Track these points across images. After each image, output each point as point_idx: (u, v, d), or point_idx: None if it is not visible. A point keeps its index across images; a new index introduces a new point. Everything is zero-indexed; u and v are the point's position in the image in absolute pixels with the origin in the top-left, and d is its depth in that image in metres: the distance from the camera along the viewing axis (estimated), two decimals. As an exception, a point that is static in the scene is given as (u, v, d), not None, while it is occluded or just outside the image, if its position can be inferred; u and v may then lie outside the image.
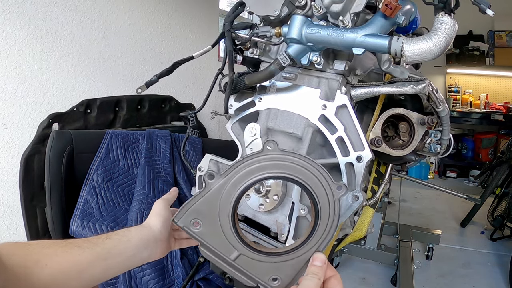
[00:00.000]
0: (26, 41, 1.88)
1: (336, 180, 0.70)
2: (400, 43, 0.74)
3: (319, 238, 0.71)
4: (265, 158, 0.70)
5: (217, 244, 0.72)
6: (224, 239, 0.71)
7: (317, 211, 0.70)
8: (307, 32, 0.81)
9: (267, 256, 0.71)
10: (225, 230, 0.71)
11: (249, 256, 0.71)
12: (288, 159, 0.70)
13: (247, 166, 0.70)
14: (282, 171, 0.70)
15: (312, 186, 0.69)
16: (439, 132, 1.07)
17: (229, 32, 0.92)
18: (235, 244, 0.71)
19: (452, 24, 0.75)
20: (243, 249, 0.71)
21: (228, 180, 0.70)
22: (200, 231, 0.72)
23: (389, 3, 0.71)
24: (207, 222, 0.71)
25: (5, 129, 1.84)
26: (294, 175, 0.69)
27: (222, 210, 0.71)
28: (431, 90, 0.94)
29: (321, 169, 0.69)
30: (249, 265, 0.71)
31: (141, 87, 1.13)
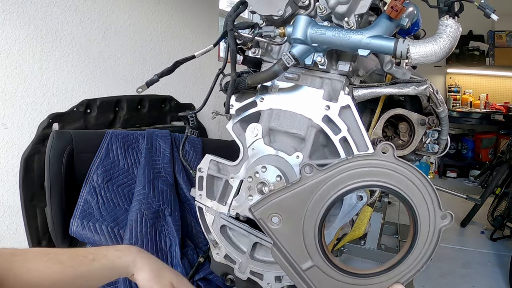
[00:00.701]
0: (26, 41, 1.88)
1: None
2: (406, 45, 0.74)
3: (406, 268, 0.63)
4: (377, 163, 0.61)
5: (292, 248, 0.64)
6: (301, 244, 0.63)
7: (415, 237, 0.62)
8: (312, 33, 0.81)
9: (344, 275, 0.64)
10: (307, 235, 0.62)
11: (324, 271, 0.63)
12: (402, 172, 0.61)
13: (355, 168, 0.61)
14: (394, 183, 0.61)
15: (419, 209, 0.62)
16: (436, 132, 1.08)
17: (232, 31, 0.91)
18: (313, 254, 0.63)
19: (456, 27, 0.76)
20: (320, 262, 0.63)
21: (329, 178, 0.61)
22: (278, 228, 0.64)
23: (394, 6, 0.71)
24: (289, 221, 0.63)
25: (5, 129, 1.84)
26: (405, 192, 0.61)
27: (311, 212, 0.62)
28: (432, 91, 0.94)
29: (433, 192, 0.62)
30: (320, 280, 0.64)
31: (141, 87, 1.13)
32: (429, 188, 0.61)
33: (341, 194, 0.61)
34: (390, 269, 0.63)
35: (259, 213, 0.64)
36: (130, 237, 1.74)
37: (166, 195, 1.99)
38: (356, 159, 0.61)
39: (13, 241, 1.92)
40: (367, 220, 1.15)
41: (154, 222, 1.86)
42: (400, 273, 0.63)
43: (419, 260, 0.62)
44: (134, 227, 1.78)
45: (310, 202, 0.61)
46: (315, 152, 0.91)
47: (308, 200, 0.61)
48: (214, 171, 1.08)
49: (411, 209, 0.62)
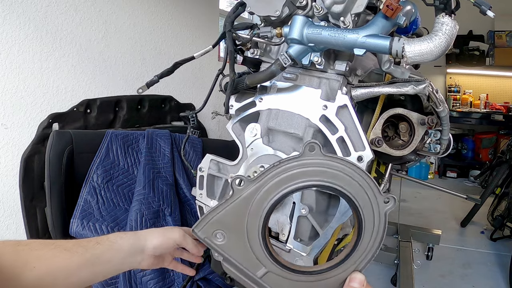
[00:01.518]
0: (26, 41, 1.88)
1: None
2: (401, 44, 0.74)
3: (360, 256, 0.63)
4: (305, 163, 0.61)
5: (242, 259, 0.64)
6: (251, 254, 0.63)
7: (361, 226, 0.62)
8: (308, 33, 0.81)
9: (300, 275, 0.64)
10: (253, 244, 0.63)
11: (279, 274, 0.64)
12: (332, 166, 0.61)
13: (284, 172, 0.61)
14: (327, 180, 0.61)
15: (357, 198, 0.61)
16: (438, 132, 1.07)
17: (230, 32, 0.92)
18: (264, 261, 0.63)
19: (452, 25, 0.75)
20: (272, 267, 0.63)
21: (260, 187, 0.61)
22: (224, 244, 0.64)
23: (390, 4, 0.71)
24: (232, 235, 0.64)
25: (5, 129, 1.84)
26: (340, 185, 0.61)
27: (251, 222, 0.62)
28: (431, 90, 0.94)
29: (368, 178, 0.61)
30: (278, 284, 0.64)
31: (142, 87, 1.13)
32: (364, 177, 0.61)
33: (277, 200, 0.61)
34: (344, 260, 0.63)
35: (202, 233, 0.64)
36: (129, 237, 1.74)
37: (166, 195, 2.00)
38: (283, 163, 0.61)
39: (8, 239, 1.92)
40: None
41: (154, 222, 1.86)
42: (355, 261, 0.64)
43: (371, 245, 0.63)
44: (134, 227, 1.79)
45: (248, 213, 0.62)
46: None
47: (245, 211, 0.62)
48: (215, 170, 1.09)
49: (350, 201, 0.62)
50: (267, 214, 0.62)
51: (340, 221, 0.83)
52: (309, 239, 0.90)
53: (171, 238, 0.94)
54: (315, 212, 0.88)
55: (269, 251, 0.63)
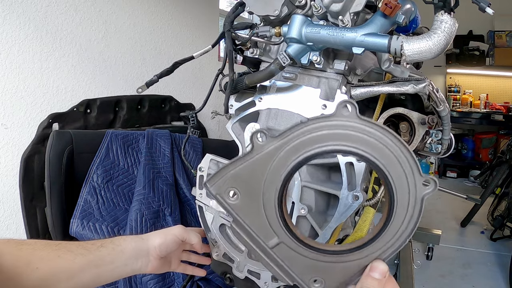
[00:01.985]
0: (26, 41, 1.88)
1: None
2: (399, 42, 0.74)
3: (386, 243, 0.55)
4: (337, 124, 0.53)
5: (254, 224, 0.57)
6: (264, 220, 0.57)
7: (392, 208, 0.54)
8: (307, 32, 0.81)
9: (317, 253, 0.57)
10: (268, 210, 0.56)
11: (292, 248, 0.57)
12: (368, 132, 0.53)
13: (311, 131, 0.53)
14: (359, 146, 0.53)
15: (393, 175, 0.53)
16: (439, 132, 1.07)
17: (229, 32, 0.92)
18: (278, 230, 0.57)
19: (451, 23, 0.75)
20: (286, 238, 0.57)
21: (284, 145, 0.54)
22: (236, 204, 0.58)
23: (388, 2, 0.71)
24: (247, 195, 0.57)
25: (5, 129, 1.84)
26: (373, 155, 0.53)
27: (269, 183, 0.55)
28: (432, 89, 0.94)
29: (408, 154, 0.53)
30: (290, 258, 0.57)
31: (141, 87, 1.13)
32: (405, 151, 0.53)
33: (300, 161, 0.54)
34: (368, 243, 0.55)
35: (215, 188, 0.57)
36: (129, 237, 1.74)
37: (166, 195, 2.00)
38: (314, 121, 0.53)
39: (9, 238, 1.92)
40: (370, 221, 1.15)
41: (154, 222, 1.86)
42: (380, 248, 0.55)
43: (400, 233, 0.55)
44: (134, 227, 1.79)
45: (267, 173, 0.55)
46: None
47: (265, 171, 0.55)
48: (214, 170, 1.08)
49: (384, 176, 0.53)
50: (287, 177, 0.55)
51: (339, 221, 0.83)
52: (308, 239, 0.90)
53: (172, 233, 0.94)
54: (314, 212, 0.88)
55: (284, 221, 0.57)
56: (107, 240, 0.85)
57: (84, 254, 0.78)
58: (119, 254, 0.83)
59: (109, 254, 0.82)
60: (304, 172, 0.89)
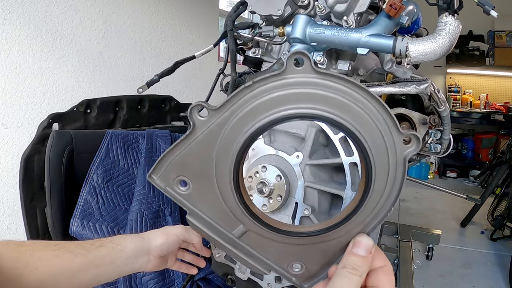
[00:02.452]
0: (26, 41, 1.88)
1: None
2: (404, 43, 0.74)
3: (368, 214, 0.47)
4: (289, 82, 0.43)
5: (214, 213, 0.50)
6: (224, 207, 0.49)
7: (370, 174, 0.45)
8: (311, 32, 0.81)
9: (288, 236, 0.49)
10: (225, 195, 0.48)
11: (262, 235, 0.49)
12: (332, 88, 0.43)
13: (259, 96, 0.44)
14: (321, 107, 0.43)
15: (366, 135, 0.43)
16: (439, 132, 1.07)
17: (232, 31, 0.91)
18: (241, 217, 0.49)
19: (456, 24, 0.75)
20: (251, 225, 0.49)
21: (230, 116, 0.45)
22: (189, 193, 0.51)
23: (393, 4, 0.71)
24: (199, 182, 0.49)
25: (5, 129, 1.84)
26: (340, 116, 0.43)
27: (220, 165, 0.47)
28: (433, 90, 0.94)
29: (383, 110, 0.43)
30: (261, 246, 0.51)
31: (142, 87, 1.13)
32: (378, 107, 0.43)
33: (253, 134, 0.45)
34: (346, 219, 0.47)
35: (161, 180, 0.50)
36: (130, 237, 1.74)
37: (166, 195, 1.99)
38: (260, 83, 0.44)
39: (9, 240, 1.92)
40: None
41: (154, 222, 1.86)
42: (361, 222, 0.47)
43: (384, 201, 0.46)
44: (134, 227, 1.78)
45: (216, 153, 0.47)
46: (315, 152, 0.91)
47: (212, 151, 0.47)
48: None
49: (356, 138, 0.44)
50: (240, 154, 0.46)
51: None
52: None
53: (173, 233, 0.94)
54: (318, 212, 0.88)
55: (245, 205, 0.49)
56: (106, 240, 0.84)
57: (83, 254, 0.77)
58: (119, 253, 0.82)
59: (108, 254, 0.81)
60: (307, 172, 0.89)
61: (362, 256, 0.46)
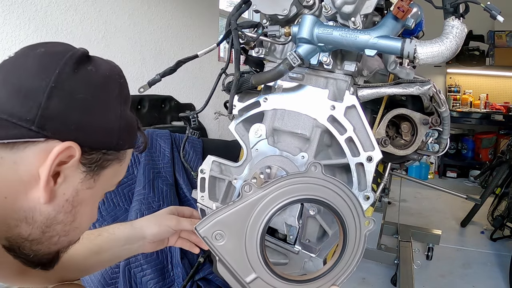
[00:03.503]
0: (26, 41, 1.87)
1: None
2: (413, 46, 0.74)
3: (340, 270, 0.71)
4: (308, 180, 0.69)
5: (235, 262, 0.67)
6: (245, 258, 0.67)
7: (345, 241, 0.70)
8: (318, 33, 0.80)
9: (286, 283, 0.69)
10: (249, 249, 0.67)
11: (267, 281, 0.68)
12: (329, 186, 0.69)
13: (289, 185, 0.68)
14: (324, 196, 0.69)
15: (346, 218, 0.69)
16: (436, 132, 1.08)
17: (236, 30, 0.90)
18: (256, 266, 0.67)
19: (462, 28, 0.76)
20: (263, 273, 0.68)
21: (266, 195, 0.67)
22: (222, 245, 0.67)
23: (401, 6, 0.71)
24: (232, 237, 0.67)
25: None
26: (333, 203, 0.69)
27: (252, 227, 0.67)
28: (435, 91, 0.94)
29: (357, 202, 0.70)
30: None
31: (143, 86, 1.12)
32: (353, 199, 0.69)
33: (278, 209, 0.67)
34: (326, 273, 0.70)
35: (204, 232, 0.67)
36: (131, 238, 1.74)
37: (166, 195, 1.99)
38: (290, 177, 0.68)
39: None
40: (369, 221, 1.15)
41: (154, 223, 1.86)
42: (335, 276, 0.70)
43: (350, 262, 0.70)
44: (135, 227, 1.78)
45: (251, 218, 0.66)
46: (319, 152, 0.91)
47: (249, 216, 0.66)
48: (217, 172, 1.07)
49: (340, 219, 0.69)
50: (267, 220, 0.67)
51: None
52: (317, 240, 0.90)
53: (166, 225, 0.99)
54: (323, 212, 0.88)
55: (264, 257, 0.68)
56: (104, 229, 0.93)
57: (85, 244, 0.85)
58: (114, 241, 0.91)
59: (105, 242, 0.90)
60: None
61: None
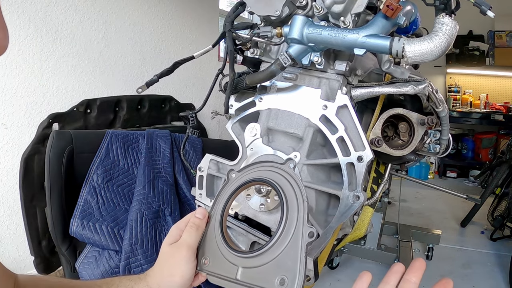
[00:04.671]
0: (26, 41, 1.88)
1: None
2: (401, 44, 0.74)
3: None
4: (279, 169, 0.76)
5: (221, 269, 0.72)
6: (224, 260, 0.72)
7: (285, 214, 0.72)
8: (308, 33, 0.81)
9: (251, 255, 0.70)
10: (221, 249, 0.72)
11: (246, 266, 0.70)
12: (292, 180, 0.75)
13: (224, 191, 0.78)
14: (279, 183, 0.75)
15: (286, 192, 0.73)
16: (438, 132, 1.07)
17: (230, 32, 0.92)
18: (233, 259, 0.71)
19: (453, 25, 0.75)
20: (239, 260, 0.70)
21: (215, 208, 0.78)
22: (209, 265, 0.74)
23: (390, 4, 0.71)
24: (212, 254, 0.74)
25: (5, 129, 1.84)
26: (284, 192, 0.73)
27: (216, 230, 0.75)
28: (431, 90, 0.94)
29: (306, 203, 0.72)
30: (253, 277, 0.69)
31: (141, 87, 1.13)
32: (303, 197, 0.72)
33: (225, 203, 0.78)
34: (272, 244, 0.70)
35: (199, 267, 0.75)
36: (130, 237, 1.75)
37: (166, 195, 2.00)
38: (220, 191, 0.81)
39: (13, 241, 1.92)
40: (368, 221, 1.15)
41: (154, 222, 1.86)
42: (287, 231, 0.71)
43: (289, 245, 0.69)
44: (134, 227, 1.79)
45: (214, 228, 0.76)
46: (312, 152, 0.92)
47: (213, 230, 0.76)
48: (214, 170, 1.08)
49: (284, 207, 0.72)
50: (222, 213, 0.76)
51: (340, 221, 0.83)
52: (309, 239, 0.90)
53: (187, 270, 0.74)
54: (315, 212, 0.88)
55: (226, 243, 0.72)
56: (113, 285, 0.74)
57: None
58: None
59: None
60: (304, 172, 0.89)
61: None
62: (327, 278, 2.75)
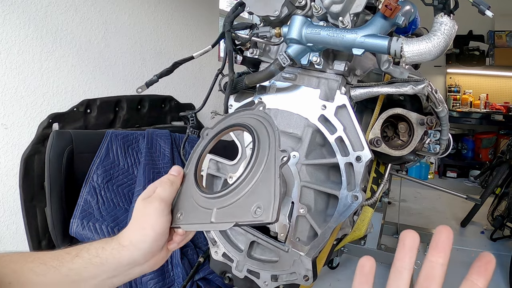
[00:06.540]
0: (26, 41, 1.88)
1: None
2: (399, 44, 0.74)
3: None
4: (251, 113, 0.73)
5: (196, 218, 0.69)
6: (199, 208, 0.69)
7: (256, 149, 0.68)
8: (307, 33, 0.81)
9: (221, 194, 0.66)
10: (196, 198, 0.70)
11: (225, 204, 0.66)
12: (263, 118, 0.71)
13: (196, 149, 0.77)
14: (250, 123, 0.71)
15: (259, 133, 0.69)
16: (438, 132, 1.07)
17: (229, 32, 0.92)
18: (206, 204, 0.68)
19: (451, 25, 0.75)
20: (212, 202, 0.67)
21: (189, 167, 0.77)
22: (183, 218, 0.71)
23: (388, 4, 0.71)
24: (186, 207, 0.71)
25: (5, 129, 1.84)
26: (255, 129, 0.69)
27: (190, 182, 0.73)
28: (430, 90, 0.94)
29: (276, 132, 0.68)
30: (228, 214, 0.65)
31: (141, 87, 1.14)
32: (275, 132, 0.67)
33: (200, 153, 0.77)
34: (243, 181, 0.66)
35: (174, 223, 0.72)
36: (129, 237, 1.75)
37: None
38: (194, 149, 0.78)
39: (13, 241, 1.92)
40: (368, 221, 1.15)
41: (153, 222, 1.86)
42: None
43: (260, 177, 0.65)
44: (134, 226, 1.79)
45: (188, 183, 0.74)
46: (312, 152, 0.92)
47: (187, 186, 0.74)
48: (214, 170, 1.09)
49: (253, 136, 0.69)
50: (197, 162, 0.76)
51: (339, 220, 0.83)
52: (307, 239, 0.90)
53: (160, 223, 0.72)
54: (314, 211, 0.88)
55: (199, 188, 0.71)
56: (84, 248, 0.71)
57: (56, 267, 0.66)
58: (99, 267, 0.69)
59: (85, 267, 0.68)
60: (303, 172, 0.89)
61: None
62: (327, 278, 2.75)
